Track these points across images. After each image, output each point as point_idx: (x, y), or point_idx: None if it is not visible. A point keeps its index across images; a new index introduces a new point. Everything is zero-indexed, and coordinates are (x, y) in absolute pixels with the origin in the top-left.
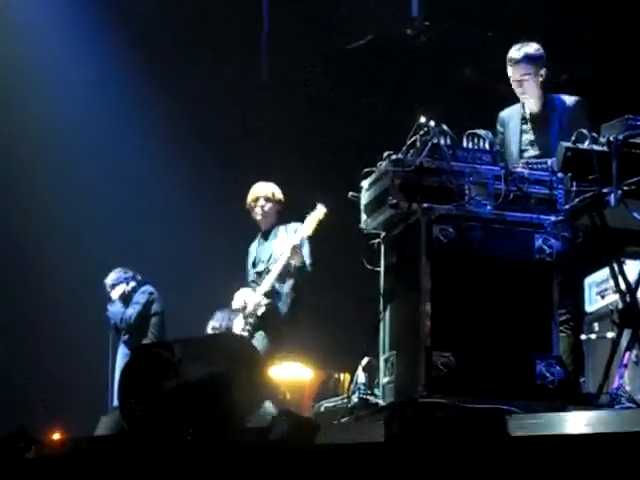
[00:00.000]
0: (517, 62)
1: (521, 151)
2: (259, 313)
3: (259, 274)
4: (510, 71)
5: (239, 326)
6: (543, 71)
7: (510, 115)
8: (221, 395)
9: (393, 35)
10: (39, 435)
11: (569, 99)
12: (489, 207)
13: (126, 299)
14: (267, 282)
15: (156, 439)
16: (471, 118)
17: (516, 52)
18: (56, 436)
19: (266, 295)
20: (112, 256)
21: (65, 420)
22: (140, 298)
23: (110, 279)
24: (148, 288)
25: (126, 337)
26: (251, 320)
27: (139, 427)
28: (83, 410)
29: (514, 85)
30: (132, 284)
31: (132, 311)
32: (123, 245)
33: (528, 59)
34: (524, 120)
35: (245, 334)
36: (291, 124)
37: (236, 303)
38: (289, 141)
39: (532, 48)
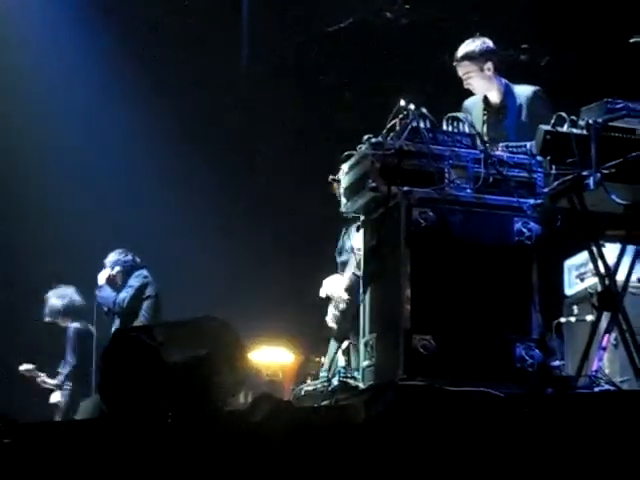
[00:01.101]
0: (458, 62)
1: None
2: (340, 308)
3: (343, 264)
4: (458, 69)
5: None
6: (488, 65)
7: (473, 104)
8: (201, 378)
9: (374, 18)
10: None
11: (526, 89)
12: (469, 190)
13: (112, 283)
14: (347, 275)
15: (136, 422)
16: (452, 102)
17: (458, 52)
18: None
19: (347, 290)
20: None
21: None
22: (134, 281)
23: (109, 260)
24: (142, 272)
25: (119, 321)
26: (336, 312)
27: (119, 411)
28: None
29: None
30: (117, 269)
31: (125, 294)
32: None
33: (468, 58)
34: (485, 110)
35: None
36: (275, 109)
37: (323, 291)
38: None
39: (472, 46)
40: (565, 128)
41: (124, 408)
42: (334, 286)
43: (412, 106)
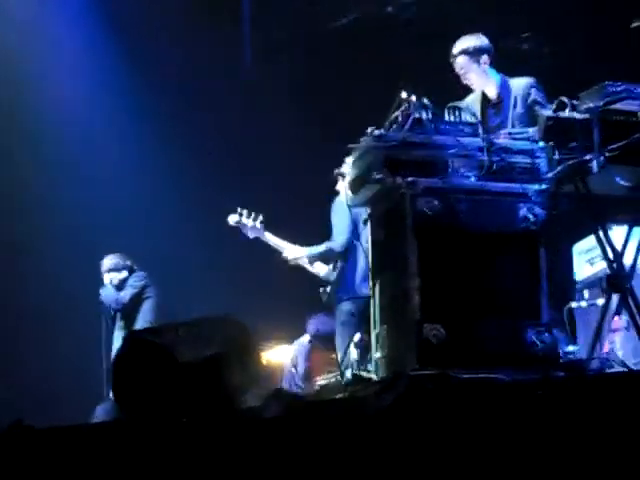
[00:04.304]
0: (453, 58)
1: None
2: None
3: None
4: (454, 65)
5: None
6: (484, 58)
7: (473, 100)
8: (215, 378)
9: (376, 14)
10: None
11: (521, 81)
12: (473, 179)
13: (118, 286)
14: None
15: (152, 423)
16: (454, 94)
17: (454, 48)
18: None
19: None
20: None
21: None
22: (134, 281)
23: (107, 265)
24: (142, 273)
25: (122, 322)
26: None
27: (134, 413)
28: (77, 400)
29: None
30: (124, 273)
31: (126, 292)
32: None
33: (463, 53)
34: (483, 104)
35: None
36: (278, 106)
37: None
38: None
39: (467, 42)
40: (566, 113)
41: (139, 410)
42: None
43: (414, 97)
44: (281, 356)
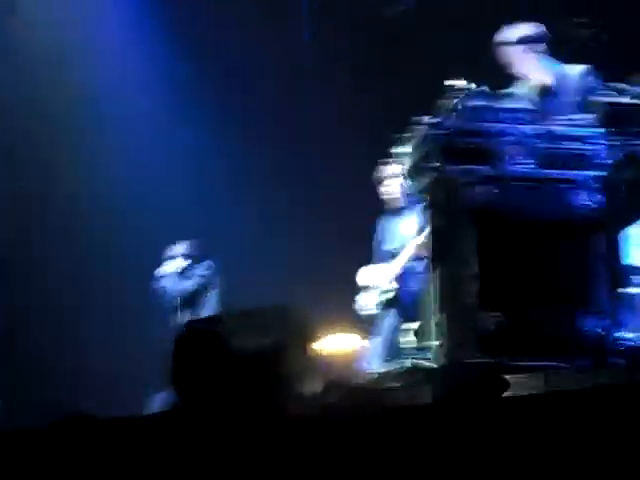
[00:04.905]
0: (502, 46)
1: None
2: (384, 297)
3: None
4: (503, 54)
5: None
6: (541, 47)
7: (530, 88)
8: (274, 367)
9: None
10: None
11: (574, 68)
12: (530, 166)
13: (182, 273)
14: (397, 264)
15: (212, 414)
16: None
17: (501, 36)
18: None
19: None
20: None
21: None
22: (201, 271)
23: (178, 251)
24: (209, 263)
25: (186, 312)
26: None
27: (193, 402)
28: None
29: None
30: (188, 260)
31: (192, 282)
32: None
33: (514, 43)
34: (541, 92)
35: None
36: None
37: (362, 280)
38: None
39: (522, 30)
40: (626, 99)
41: (198, 400)
42: (377, 275)
43: (470, 84)
44: (343, 344)
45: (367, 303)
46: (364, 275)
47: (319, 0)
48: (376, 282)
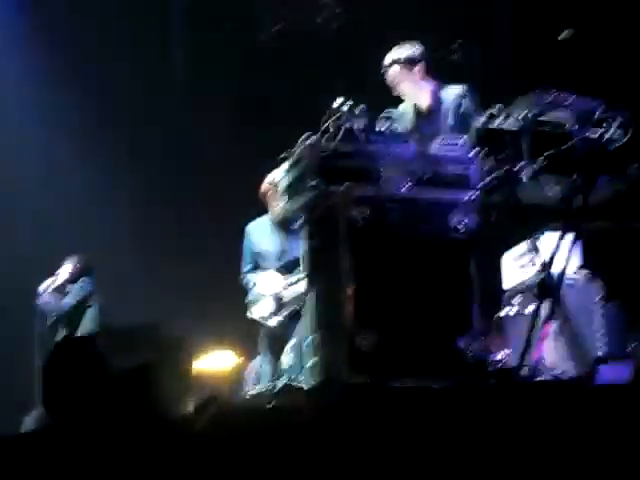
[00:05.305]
0: (386, 68)
1: None
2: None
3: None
4: (386, 74)
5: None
6: (418, 67)
7: (406, 109)
8: (147, 385)
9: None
10: None
11: (454, 89)
12: (405, 187)
13: (59, 290)
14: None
15: (82, 432)
16: (390, 103)
17: (386, 58)
18: None
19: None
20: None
21: None
22: (80, 287)
23: (67, 268)
24: (88, 279)
25: (62, 329)
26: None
27: (64, 421)
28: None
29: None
30: (67, 277)
31: (68, 300)
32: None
33: (396, 63)
34: (416, 115)
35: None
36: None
37: (261, 289)
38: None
39: (400, 51)
40: (498, 123)
41: (69, 418)
42: (276, 285)
43: (346, 107)
44: (217, 363)
45: (264, 312)
46: (262, 283)
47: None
48: (274, 291)
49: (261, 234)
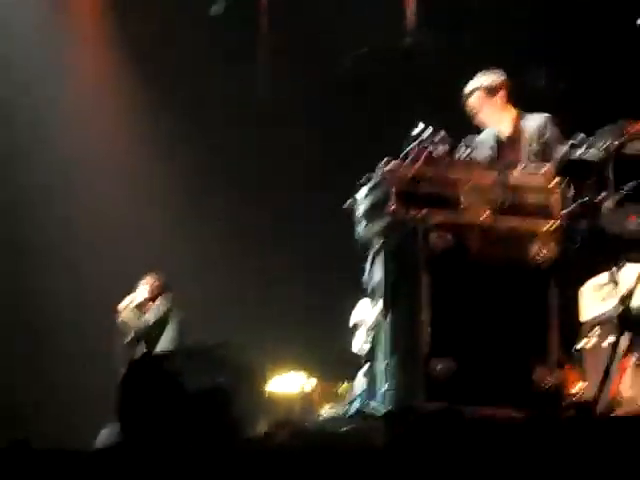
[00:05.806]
0: (467, 97)
1: None
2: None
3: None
4: (467, 102)
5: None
6: (500, 94)
7: (488, 136)
8: (223, 407)
9: (389, 48)
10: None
11: (536, 118)
12: (485, 214)
13: (140, 306)
14: None
15: (155, 450)
16: (470, 131)
17: (467, 87)
18: None
19: None
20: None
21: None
22: (160, 304)
23: (148, 285)
24: (169, 296)
25: (142, 347)
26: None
27: (138, 438)
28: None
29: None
30: (146, 295)
31: (149, 316)
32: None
33: (478, 90)
34: (497, 144)
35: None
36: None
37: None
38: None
39: (481, 79)
40: (580, 153)
41: (143, 435)
42: (366, 312)
43: (427, 133)
44: (290, 385)
45: (359, 342)
46: (356, 313)
47: None
48: (364, 320)
49: None
